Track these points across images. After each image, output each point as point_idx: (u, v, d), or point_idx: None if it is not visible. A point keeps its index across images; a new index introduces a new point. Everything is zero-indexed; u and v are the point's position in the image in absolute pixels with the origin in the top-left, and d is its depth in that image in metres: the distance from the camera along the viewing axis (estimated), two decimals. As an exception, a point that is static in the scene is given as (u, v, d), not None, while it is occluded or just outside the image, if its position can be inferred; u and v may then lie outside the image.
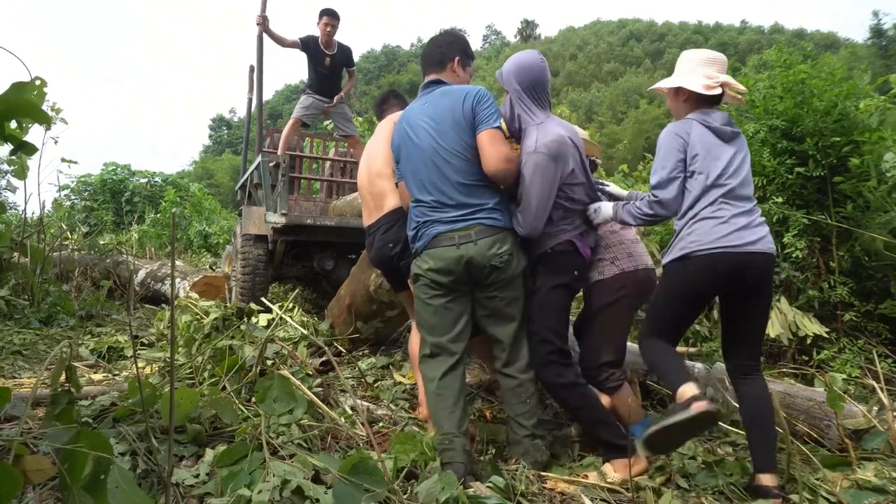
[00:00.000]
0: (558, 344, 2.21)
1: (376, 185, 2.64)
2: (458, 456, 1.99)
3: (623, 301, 2.31)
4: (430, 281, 2.15)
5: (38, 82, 1.57)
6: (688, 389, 1.89)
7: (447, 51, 2.38)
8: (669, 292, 2.12)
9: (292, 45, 5.39)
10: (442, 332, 2.16)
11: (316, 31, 5.42)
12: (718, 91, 2.11)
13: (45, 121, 1.56)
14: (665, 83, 2.21)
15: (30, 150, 1.69)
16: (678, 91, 2.20)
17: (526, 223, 2.16)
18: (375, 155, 2.68)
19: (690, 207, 2.06)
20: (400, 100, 3.01)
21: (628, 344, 3.52)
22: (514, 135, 2.33)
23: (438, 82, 2.32)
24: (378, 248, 2.59)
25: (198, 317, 3.48)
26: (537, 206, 2.14)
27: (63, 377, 1.65)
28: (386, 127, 2.74)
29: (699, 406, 1.80)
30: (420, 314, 2.24)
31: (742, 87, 2.15)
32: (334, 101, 5.51)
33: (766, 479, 1.92)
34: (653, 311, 2.20)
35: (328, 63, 5.41)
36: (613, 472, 2.08)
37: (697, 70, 2.16)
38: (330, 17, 5.33)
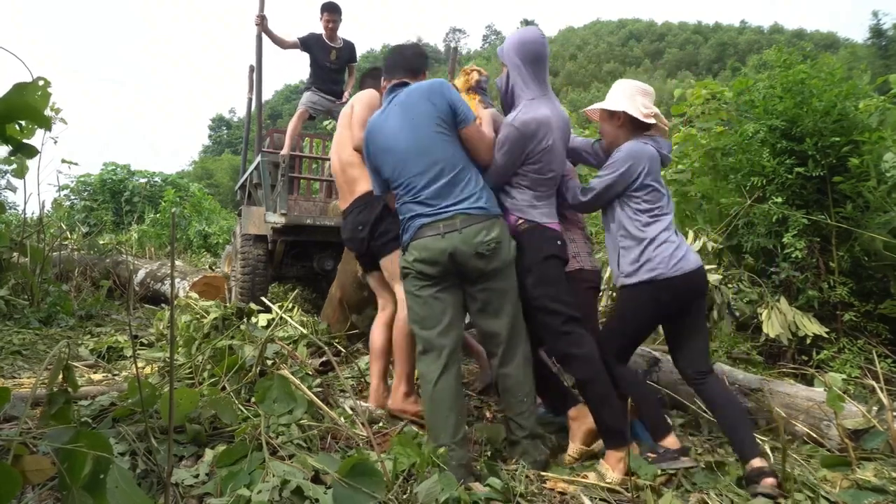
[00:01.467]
0: (568, 312, 2.18)
1: (348, 173, 2.76)
2: (456, 470, 1.94)
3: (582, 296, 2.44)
4: (418, 272, 2.15)
5: (41, 83, 1.54)
6: (674, 441, 2.19)
7: (423, 61, 2.46)
8: (639, 314, 2.28)
9: (292, 46, 5.34)
10: (431, 324, 2.14)
11: (317, 29, 5.40)
12: (653, 120, 2.31)
13: (46, 124, 1.54)
14: (605, 105, 2.36)
15: (30, 152, 1.67)
16: (613, 115, 2.35)
17: (489, 179, 2.27)
18: (344, 144, 2.79)
19: (644, 228, 2.23)
20: (373, 76, 3.07)
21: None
22: (506, 107, 2.36)
23: (405, 84, 2.34)
24: (350, 230, 2.73)
25: (198, 316, 3.48)
26: (500, 171, 2.27)
27: (60, 377, 1.64)
28: (345, 115, 2.84)
29: (686, 461, 2.12)
30: (411, 308, 2.23)
31: (666, 122, 2.41)
32: (344, 98, 5.42)
33: (757, 463, 2.00)
34: (621, 331, 2.33)
35: (334, 56, 5.33)
36: (611, 471, 2.08)
37: (636, 98, 2.32)
38: (330, 12, 5.28)
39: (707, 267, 4.10)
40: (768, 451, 2.26)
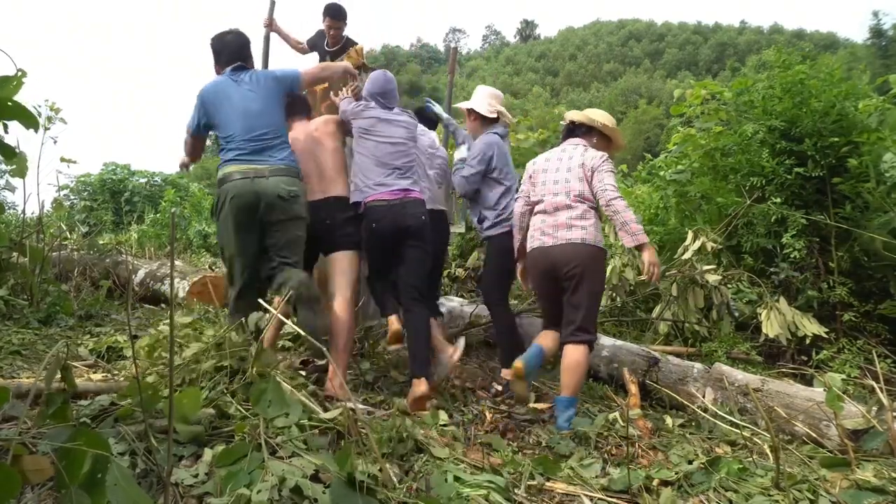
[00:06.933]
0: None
1: (326, 174, 3.17)
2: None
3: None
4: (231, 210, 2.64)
5: (19, 73, 1.48)
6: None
7: (249, 52, 2.99)
8: (505, 261, 3.20)
9: (301, 50, 5.28)
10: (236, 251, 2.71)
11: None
12: (495, 115, 3.40)
13: (33, 123, 1.48)
14: (464, 105, 3.47)
15: (7, 153, 1.59)
16: (470, 112, 3.44)
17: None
18: (337, 144, 3.22)
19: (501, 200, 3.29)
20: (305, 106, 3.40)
21: (626, 344, 3.51)
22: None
23: (244, 68, 2.89)
24: (320, 219, 3.06)
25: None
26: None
27: (59, 377, 1.64)
28: (326, 137, 3.20)
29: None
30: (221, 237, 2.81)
31: (510, 117, 3.61)
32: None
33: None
34: (498, 271, 3.36)
35: (332, 60, 5.31)
36: (414, 390, 2.62)
37: (486, 101, 3.39)
38: (332, 18, 4.81)
39: (706, 267, 4.11)
40: (767, 450, 2.25)
